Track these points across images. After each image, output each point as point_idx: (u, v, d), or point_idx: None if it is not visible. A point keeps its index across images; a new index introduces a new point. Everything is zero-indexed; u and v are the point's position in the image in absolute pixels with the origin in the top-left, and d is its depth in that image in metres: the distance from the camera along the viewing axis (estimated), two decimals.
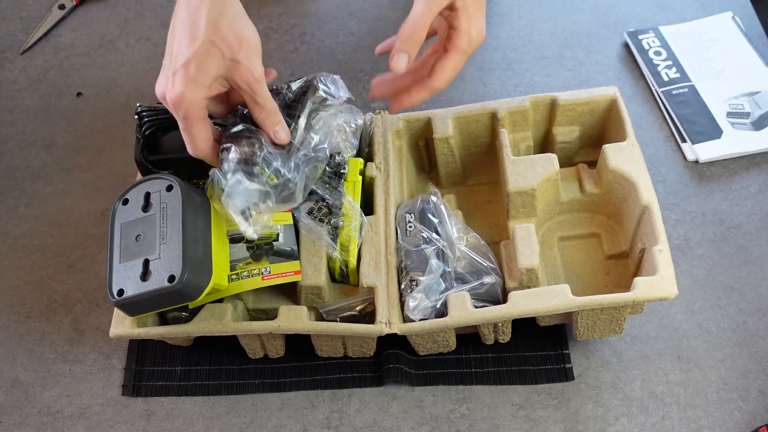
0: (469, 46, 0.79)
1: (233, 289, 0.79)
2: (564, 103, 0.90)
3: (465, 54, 0.79)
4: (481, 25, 0.78)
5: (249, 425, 0.83)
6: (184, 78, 0.70)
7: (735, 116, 1.01)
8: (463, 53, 0.79)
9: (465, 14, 0.76)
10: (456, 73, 0.81)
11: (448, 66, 0.79)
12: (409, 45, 0.76)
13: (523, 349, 0.86)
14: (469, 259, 0.84)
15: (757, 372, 0.83)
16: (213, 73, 0.71)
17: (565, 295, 0.76)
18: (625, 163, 0.84)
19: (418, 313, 0.79)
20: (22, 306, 0.93)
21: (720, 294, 0.88)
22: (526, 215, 0.87)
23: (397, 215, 0.87)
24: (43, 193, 1.02)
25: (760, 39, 1.09)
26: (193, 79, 0.70)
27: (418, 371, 0.85)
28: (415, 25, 0.75)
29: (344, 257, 0.83)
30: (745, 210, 0.94)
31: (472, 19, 0.77)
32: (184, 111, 0.71)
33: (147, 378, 0.87)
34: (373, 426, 0.82)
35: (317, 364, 0.86)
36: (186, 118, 0.72)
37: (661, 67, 1.07)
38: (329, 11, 1.19)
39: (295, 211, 0.85)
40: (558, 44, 1.12)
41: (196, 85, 0.70)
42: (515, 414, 0.82)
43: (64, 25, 1.20)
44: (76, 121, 1.09)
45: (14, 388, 0.87)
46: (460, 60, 0.79)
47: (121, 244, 0.74)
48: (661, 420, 0.81)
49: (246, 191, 0.74)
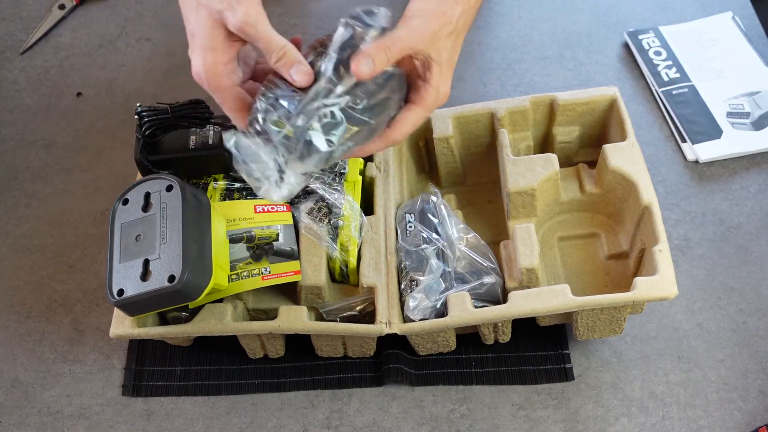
0: (434, 103, 0.75)
1: (233, 289, 0.79)
2: (564, 103, 0.90)
3: (428, 110, 0.76)
4: (449, 85, 0.76)
5: (249, 425, 0.83)
6: (198, 51, 0.70)
7: (735, 116, 1.01)
8: (426, 109, 0.75)
9: (438, 69, 0.73)
10: (414, 129, 0.77)
11: (409, 119, 0.75)
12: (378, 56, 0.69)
13: (523, 349, 0.86)
14: (469, 259, 0.84)
15: (757, 372, 0.83)
16: (217, 34, 0.70)
17: (565, 295, 0.76)
18: (625, 163, 0.84)
19: (418, 313, 0.79)
20: (22, 306, 0.93)
21: (720, 294, 0.88)
22: (526, 215, 0.87)
23: (397, 215, 0.87)
24: (43, 193, 1.02)
25: (760, 39, 1.09)
26: (205, 49, 0.70)
27: (418, 371, 0.85)
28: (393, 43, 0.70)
29: (344, 257, 0.83)
30: (745, 210, 0.94)
31: (443, 76, 0.74)
32: (208, 85, 0.71)
33: (147, 378, 0.87)
34: (373, 426, 0.82)
35: (317, 364, 0.86)
36: (213, 90, 0.71)
37: (661, 67, 1.07)
38: (329, 11, 1.19)
39: (295, 211, 0.85)
40: (558, 44, 1.12)
41: (206, 52, 0.70)
42: (515, 414, 0.82)
43: (64, 25, 1.20)
44: (76, 121, 1.09)
45: (14, 388, 0.87)
46: (422, 116, 0.76)
47: (121, 244, 0.74)
48: (661, 420, 0.81)
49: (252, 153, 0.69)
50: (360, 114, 0.69)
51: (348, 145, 0.70)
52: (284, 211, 0.84)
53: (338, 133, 0.69)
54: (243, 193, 0.86)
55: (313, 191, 0.85)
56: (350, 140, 0.70)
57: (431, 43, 0.71)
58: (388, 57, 0.70)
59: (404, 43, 0.70)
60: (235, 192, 0.86)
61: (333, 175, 0.85)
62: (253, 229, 0.81)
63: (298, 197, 0.86)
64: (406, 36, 0.70)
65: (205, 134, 0.86)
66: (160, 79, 1.13)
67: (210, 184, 0.86)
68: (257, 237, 0.81)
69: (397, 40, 0.70)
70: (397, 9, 1.22)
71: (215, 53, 0.70)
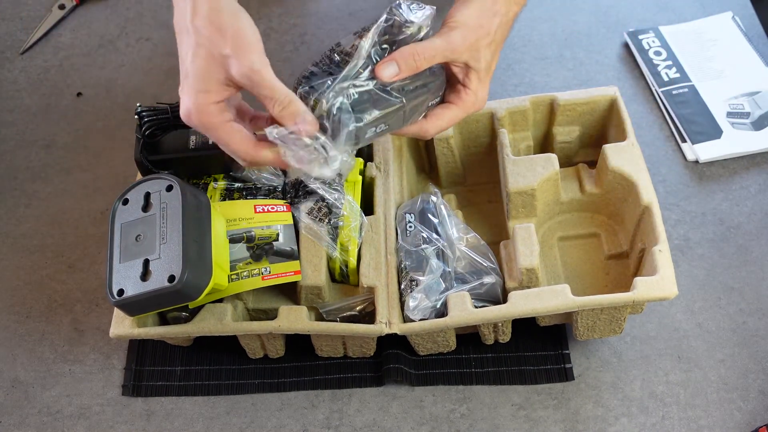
0: (472, 107, 0.78)
1: (233, 289, 0.79)
2: (564, 103, 0.90)
3: (465, 113, 0.79)
4: (487, 91, 0.79)
5: (249, 425, 0.83)
6: (186, 91, 0.69)
7: (735, 116, 1.01)
8: (464, 111, 0.78)
9: (476, 76, 0.76)
10: (449, 127, 0.80)
11: (446, 116, 0.78)
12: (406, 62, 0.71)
13: (523, 349, 0.86)
14: (469, 259, 0.84)
15: (757, 372, 0.83)
16: (211, 76, 0.68)
17: (565, 295, 0.76)
18: (625, 163, 0.84)
19: (418, 313, 0.79)
20: (22, 306, 0.93)
21: (720, 294, 0.88)
22: (526, 215, 0.87)
23: (397, 215, 0.87)
24: (43, 193, 1.02)
25: (760, 39, 1.09)
26: (195, 89, 0.68)
27: (418, 371, 0.85)
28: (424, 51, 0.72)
29: (344, 257, 0.83)
30: (745, 210, 0.94)
31: (481, 83, 0.77)
32: (198, 123, 0.69)
33: (147, 378, 0.87)
34: (373, 426, 0.82)
35: (317, 364, 0.86)
36: (205, 128, 0.70)
37: (661, 67, 1.07)
38: (329, 11, 1.19)
39: (295, 211, 0.85)
40: (558, 44, 1.12)
41: (198, 94, 0.68)
42: (515, 414, 0.82)
43: (64, 25, 1.20)
44: (76, 121, 1.09)
45: (14, 388, 0.87)
46: (459, 116, 0.78)
47: (121, 244, 0.74)
48: (661, 420, 0.81)
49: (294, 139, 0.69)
50: (390, 97, 0.71)
51: (380, 127, 0.72)
52: (284, 211, 0.84)
53: (366, 113, 0.70)
54: (243, 193, 0.86)
55: (313, 191, 0.85)
56: (381, 122, 0.72)
57: (470, 53, 0.74)
58: (417, 64, 0.72)
59: (437, 53, 0.73)
60: (235, 192, 0.86)
61: None
62: (253, 229, 0.81)
63: (298, 197, 0.86)
64: (441, 47, 0.73)
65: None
66: (160, 79, 1.13)
67: (210, 184, 0.86)
68: (257, 237, 0.81)
69: (430, 49, 0.72)
70: None
71: (208, 95, 0.69)
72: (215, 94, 0.69)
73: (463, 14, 0.74)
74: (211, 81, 0.69)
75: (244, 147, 0.70)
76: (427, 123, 0.78)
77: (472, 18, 0.74)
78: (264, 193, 0.87)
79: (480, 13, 0.74)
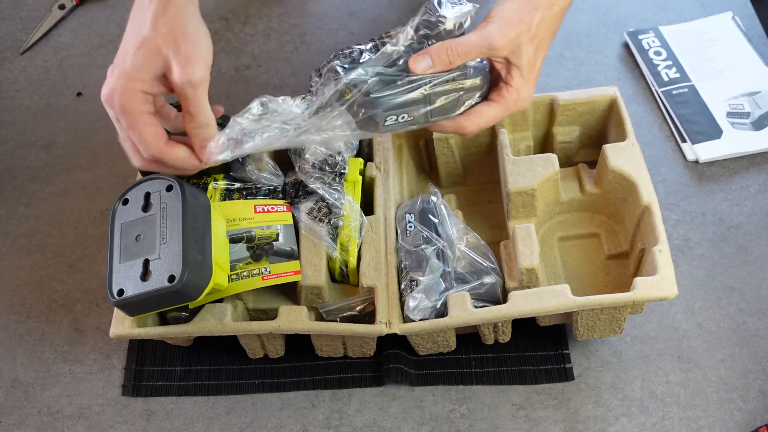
0: (514, 105, 0.76)
1: (233, 289, 0.79)
2: (564, 103, 0.90)
3: (507, 111, 0.77)
4: (531, 92, 0.76)
5: (249, 425, 0.83)
6: (117, 72, 0.69)
7: (735, 116, 1.01)
8: (505, 109, 0.76)
9: (518, 73, 0.74)
10: (489, 125, 0.78)
11: (486, 114, 0.76)
12: (440, 56, 0.71)
13: (523, 349, 0.86)
14: (469, 259, 0.84)
15: (757, 372, 0.83)
16: (149, 68, 0.68)
17: (565, 295, 0.76)
18: (625, 163, 0.84)
19: (418, 313, 0.79)
20: (22, 306, 0.93)
21: (720, 294, 0.88)
22: (526, 215, 0.87)
23: (397, 215, 0.87)
24: (43, 193, 1.02)
25: (760, 39, 1.09)
26: (128, 74, 0.68)
27: (418, 371, 0.85)
28: (458, 47, 0.71)
29: (344, 257, 0.83)
30: (745, 210, 0.94)
31: (524, 81, 0.75)
32: (119, 104, 0.68)
33: (147, 378, 0.87)
34: (373, 426, 0.82)
35: (317, 364, 0.86)
36: (123, 112, 0.69)
37: (661, 67, 1.07)
38: (329, 11, 1.19)
39: (295, 211, 0.85)
40: (558, 44, 1.12)
41: (130, 78, 0.68)
42: (515, 414, 0.82)
43: (64, 25, 1.20)
44: (76, 121, 1.09)
45: (14, 388, 0.87)
46: (499, 114, 0.76)
47: (121, 244, 0.74)
48: (661, 420, 0.81)
49: None
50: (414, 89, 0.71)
51: (402, 117, 0.72)
52: (284, 211, 0.84)
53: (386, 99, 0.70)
54: (243, 193, 0.86)
55: (313, 191, 0.85)
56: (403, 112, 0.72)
57: (510, 48, 0.73)
58: (450, 59, 0.71)
59: (472, 48, 0.71)
60: (235, 192, 0.86)
61: (333, 175, 0.85)
62: (253, 229, 0.81)
63: (298, 197, 0.86)
64: (476, 42, 0.72)
65: None
66: None
67: (210, 184, 0.86)
68: (257, 237, 0.81)
69: (464, 44, 0.71)
70: (397, 9, 1.22)
71: (139, 83, 0.68)
72: (147, 85, 0.69)
73: (502, 8, 0.73)
74: (147, 72, 0.69)
75: (156, 141, 0.70)
76: (465, 120, 0.77)
77: (510, 12, 0.73)
78: (264, 193, 0.87)
79: (520, 7, 0.73)
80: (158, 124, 0.71)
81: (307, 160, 0.86)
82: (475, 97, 0.76)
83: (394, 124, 0.72)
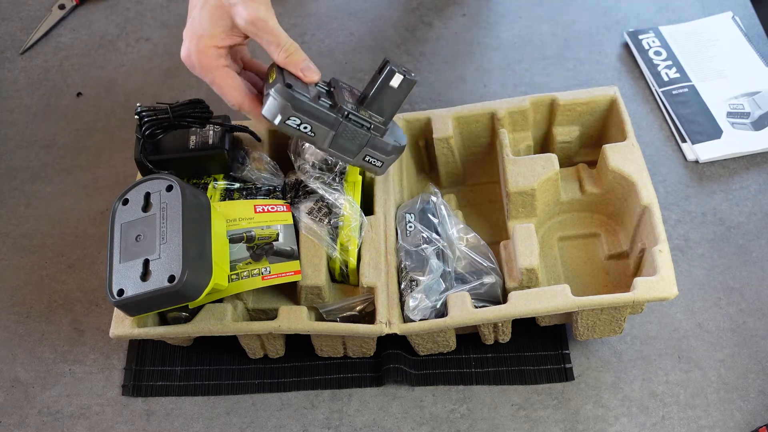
0: None
1: (233, 289, 0.79)
2: (564, 103, 0.90)
3: None
4: None
5: (249, 425, 0.83)
6: (189, 34, 0.73)
7: (735, 116, 1.01)
8: None
9: None
10: None
11: None
12: None
13: (523, 349, 0.86)
14: (469, 259, 0.84)
15: (757, 372, 0.83)
16: (216, 22, 0.72)
17: (565, 295, 0.76)
18: (625, 163, 0.84)
19: (418, 313, 0.79)
20: (22, 306, 0.93)
21: (720, 294, 0.88)
22: (526, 215, 0.87)
23: (397, 215, 0.87)
24: (43, 193, 1.02)
25: (760, 39, 1.09)
26: (198, 33, 0.73)
27: (418, 371, 0.85)
28: None
29: (344, 257, 0.83)
30: (745, 210, 0.94)
31: None
32: (196, 63, 0.73)
33: (147, 378, 0.87)
34: (373, 426, 0.82)
35: (317, 364, 0.86)
36: (202, 69, 0.74)
37: (661, 67, 1.07)
38: (329, 11, 1.19)
39: (295, 211, 0.85)
40: (558, 44, 1.12)
41: (200, 37, 0.73)
42: (515, 414, 0.82)
43: (64, 25, 1.20)
44: (76, 121, 1.09)
45: (14, 388, 0.87)
46: None
47: (121, 244, 0.74)
48: (661, 420, 0.81)
49: None
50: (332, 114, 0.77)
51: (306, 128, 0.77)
52: (284, 211, 0.84)
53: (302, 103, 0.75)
54: (243, 193, 0.86)
55: (313, 191, 0.85)
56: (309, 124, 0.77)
57: None
58: None
59: None
60: (235, 192, 0.86)
61: (333, 175, 0.85)
62: (253, 229, 0.81)
63: (298, 197, 0.86)
64: None
65: (205, 134, 0.86)
66: (160, 79, 1.13)
67: (210, 184, 0.87)
68: (257, 237, 0.81)
69: None
70: (397, 9, 1.22)
71: (211, 38, 0.73)
72: (217, 39, 0.73)
73: None
74: (215, 27, 0.73)
75: (235, 93, 0.75)
76: None
77: None
78: (264, 193, 0.87)
79: None
80: (236, 77, 0.76)
81: (307, 160, 0.86)
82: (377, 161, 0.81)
83: (292, 127, 0.76)
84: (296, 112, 0.74)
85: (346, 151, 0.79)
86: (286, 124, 0.75)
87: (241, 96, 0.76)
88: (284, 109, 0.74)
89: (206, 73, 0.75)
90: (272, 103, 0.74)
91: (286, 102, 0.73)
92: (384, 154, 0.81)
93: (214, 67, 0.74)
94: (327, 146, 0.78)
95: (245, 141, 0.91)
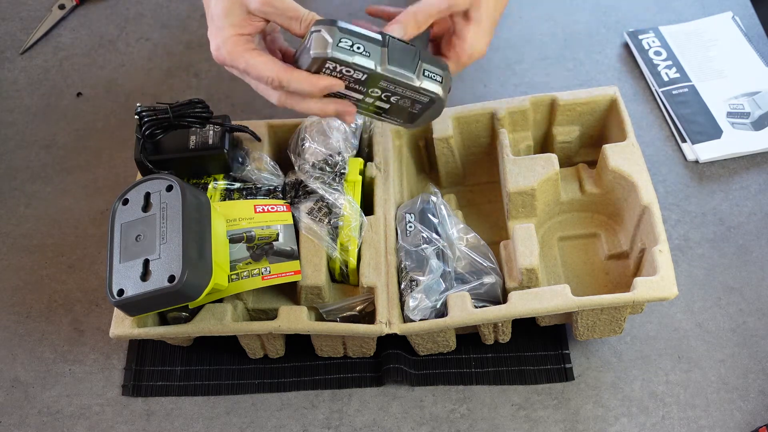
0: (468, 60, 0.77)
1: (233, 289, 0.79)
2: (564, 103, 0.90)
3: (460, 66, 0.78)
4: (485, 43, 0.77)
5: (249, 425, 0.83)
6: (212, 31, 0.73)
7: (735, 116, 1.01)
8: (458, 65, 0.78)
9: (476, 27, 0.75)
10: None
11: None
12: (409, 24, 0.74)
13: (523, 349, 0.86)
14: (469, 259, 0.84)
15: (757, 372, 0.83)
16: (233, 12, 0.72)
17: (565, 295, 0.76)
18: (625, 163, 0.84)
19: (418, 313, 0.79)
20: (22, 306, 0.93)
21: (720, 294, 0.88)
22: (526, 215, 0.87)
23: (397, 215, 0.87)
24: (43, 193, 1.02)
25: (760, 39, 1.09)
26: (219, 27, 0.72)
27: (418, 371, 0.85)
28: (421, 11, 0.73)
29: (344, 257, 0.83)
30: (745, 210, 0.94)
31: (480, 34, 0.76)
32: (226, 55, 0.72)
33: (147, 378, 0.87)
34: (373, 426, 0.82)
35: (317, 364, 0.86)
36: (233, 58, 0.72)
37: (661, 67, 1.07)
38: (329, 11, 1.18)
39: (295, 211, 0.85)
40: (558, 44, 1.12)
41: (222, 30, 0.72)
42: (515, 414, 0.82)
43: (64, 25, 1.20)
44: (76, 121, 1.09)
45: (14, 388, 0.87)
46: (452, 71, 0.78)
47: (121, 244, 0.74)
48: (661, 420, 0.81)
49: None
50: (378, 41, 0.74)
51: (360, 48, 0.73)
52: (284, 211, 0.84)
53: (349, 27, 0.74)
54: (243, 193, 0.86)
55: (313, 191, 0.85)
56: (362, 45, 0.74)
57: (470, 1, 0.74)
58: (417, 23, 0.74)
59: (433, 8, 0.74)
60: (235, 192, 0.86)
61: (333, 175, 0.85)
62: (253, 229, 0.81)
63: (298, 197, 0.86)
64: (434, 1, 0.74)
65: (205, 134, 0.86)
66: (160, 79, 1.13)
67: (210, 184, 0.87)
68: (257, 237, 0.81)
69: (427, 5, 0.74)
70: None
71: (231, 28, 0.72)
72: (238, 28, 0.72)
73: None
74: (233, 17, 0.72)
75: (271, 67, 0.72)
76: None
77: None
78: (264, 193, 0.87)
79: None
80: (267, 54, 0.74)
81: (307, 160, 0.86)
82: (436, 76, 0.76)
83: (346, 49, 0.73)
84: (344, 34, 0.72)
85: (406, 66, 0.74)
86: (339, 46, 0.72)
87: (276, 66, 0.72)
88: (332, 32, 0.71)
89: (237, 59, 0.72)
90: (317, 36, 0.71)
91: (332, 26, 0.72)
92: (439, 68, 0.75)
93: (242, 51, 0.72)
94: (387, 64, 0.74)
95: (245, 141, 0.91)
